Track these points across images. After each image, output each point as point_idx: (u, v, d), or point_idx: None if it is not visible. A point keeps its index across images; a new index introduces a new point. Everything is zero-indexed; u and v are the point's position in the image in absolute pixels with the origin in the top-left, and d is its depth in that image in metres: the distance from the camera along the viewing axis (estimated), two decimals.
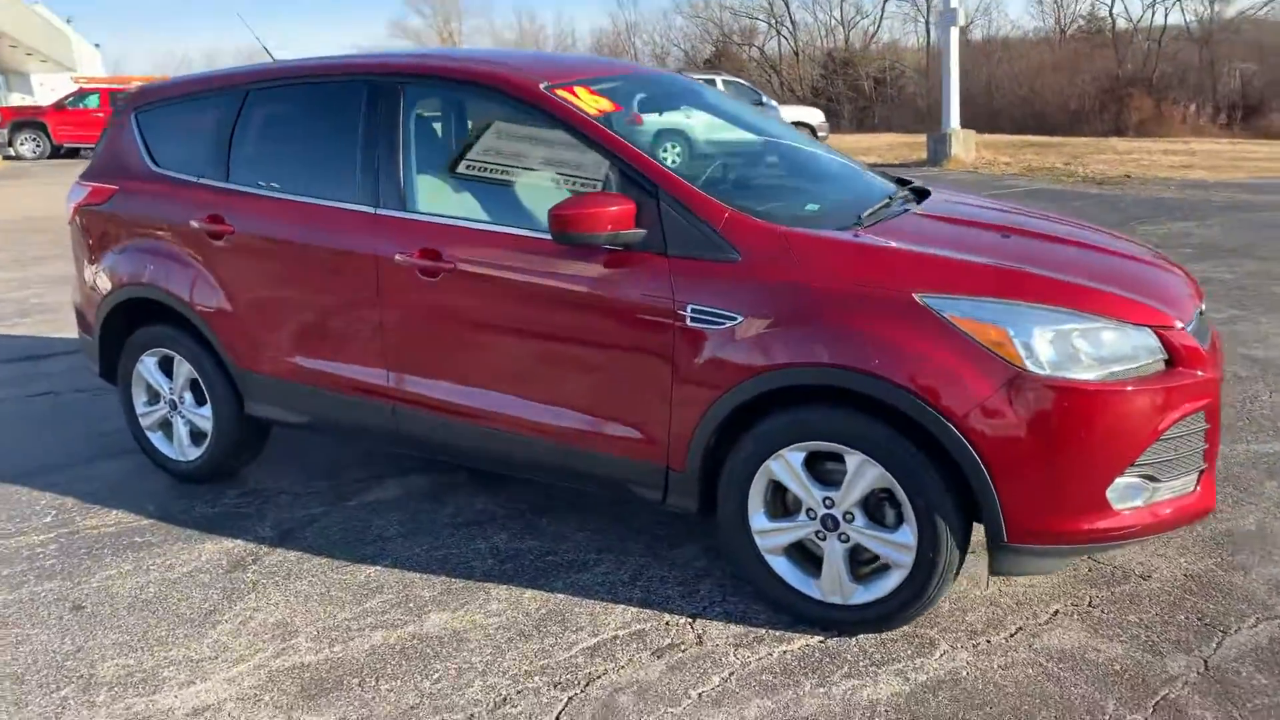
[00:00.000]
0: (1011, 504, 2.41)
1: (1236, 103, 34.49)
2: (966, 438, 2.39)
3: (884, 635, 2.70)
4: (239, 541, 3.42)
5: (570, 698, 2.49)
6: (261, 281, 3.48)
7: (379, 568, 3.20)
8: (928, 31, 42.74)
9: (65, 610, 3.00)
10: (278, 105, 3.55)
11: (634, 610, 2.89)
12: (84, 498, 3.85)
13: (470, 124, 3.40)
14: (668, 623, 2.82)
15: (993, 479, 2.40)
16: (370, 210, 3.21)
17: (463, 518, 3.55)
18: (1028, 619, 2.77)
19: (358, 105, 3.29)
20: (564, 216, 2.68)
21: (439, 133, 3.27)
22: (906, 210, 3.07)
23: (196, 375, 3.74)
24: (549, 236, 2.89)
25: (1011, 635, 2.70)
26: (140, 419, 3.97)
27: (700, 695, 2.48)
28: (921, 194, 3.40)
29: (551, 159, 3.12)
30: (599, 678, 2.57)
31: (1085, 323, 2.43)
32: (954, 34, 15.16)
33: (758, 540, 2.76)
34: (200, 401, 3.81)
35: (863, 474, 2.55)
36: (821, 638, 2.71)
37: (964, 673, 2.53)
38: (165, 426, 3.96)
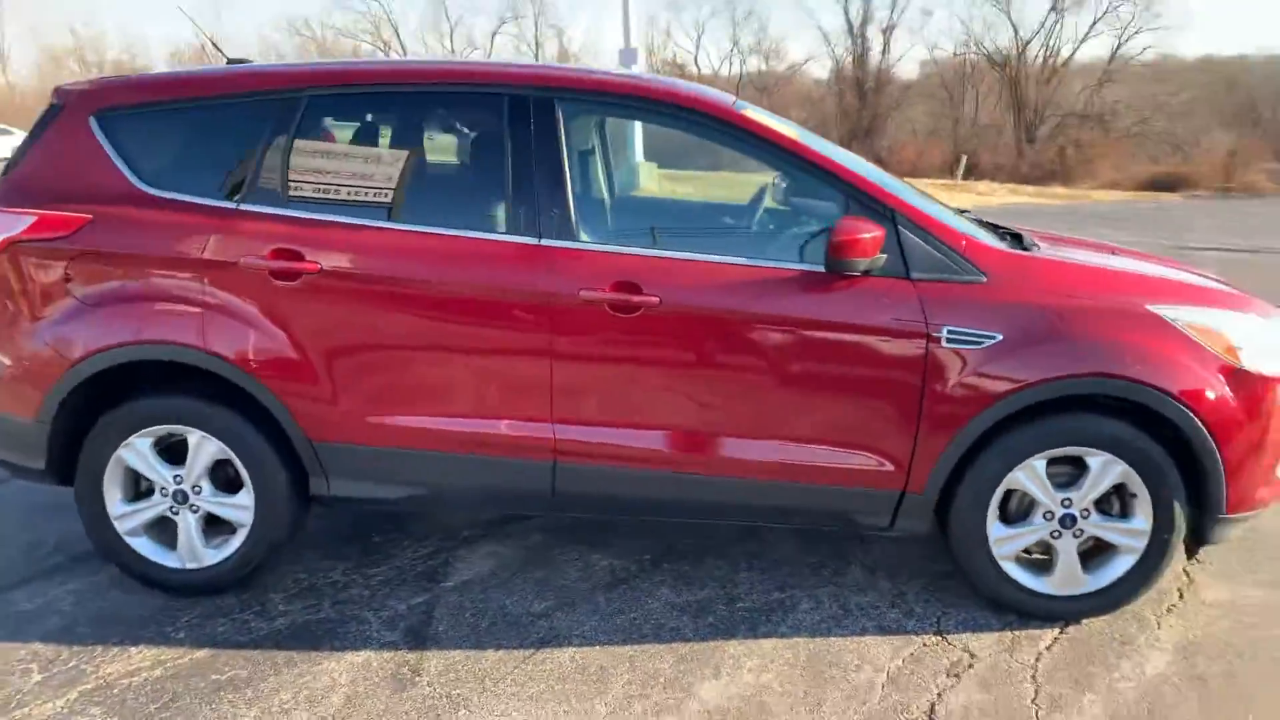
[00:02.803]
0: (1234, 482, 2.81)
1: None
2: (1208, 429, 2.74)
3: (1110, 618, 2.96)
4: (366, 653, 2.75)
5: None
6: (362, 330, 2.83)
7: (574, 649, 2.78)
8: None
9: None
10: (363, 117, 2.91)
11: (882, 639, 2.85)
12: (62, 639, 2.81)
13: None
14: (925, 644, 2.83)
15: (1224, 462, 2.78)
16: (533, 241, 2.79)
17: (600, 579, 3.19)
18: (1181, 585, 3.22)
19: (497, 121, 2.84)
20: (844, 244, 2.61)
21: (604, 155, 2.92)
22: (1027, 236, 3.37)
23: (231, 455, 2.92)
24: (768, 265, 2.79)
25: (1204, 604, 3.11)
26: (116, 523, 2.98)
27: (1037, 704, 2.55)
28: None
29: (749, 184, 2.97)
30: (932, 709, 2.52)
31: (1256, 324, 2.91)
32: (635, 72, 16.25)
33: (994, 549, 2.89)
34: (229, 488, 2.97)
35: (1108, 472, 2.80)
36: (1058, 629, 2.91)
37: (1205, 636, 2.89)
38: (158, 528, 3.02)
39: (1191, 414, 2.73)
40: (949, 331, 2.73)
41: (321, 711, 2.49)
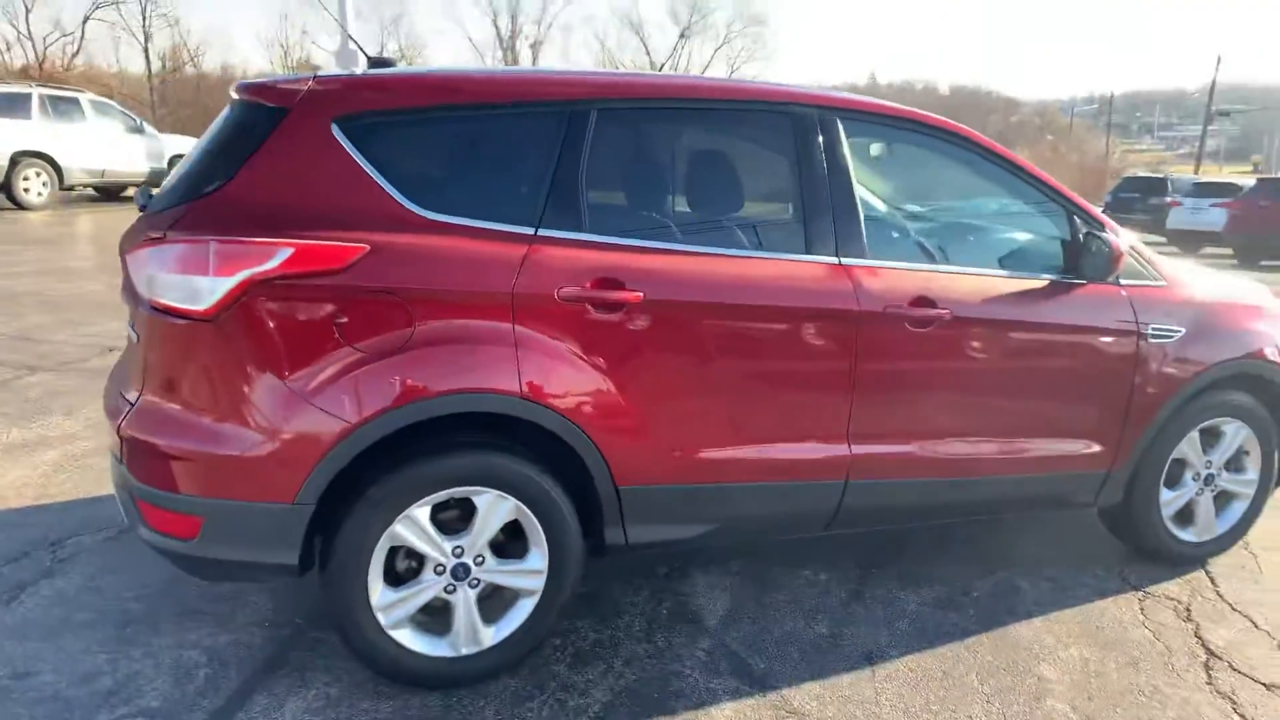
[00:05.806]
0: None
1: None
2: None
3: (1226, 556, 3.64)
4: (730, 705, 2.57)
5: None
6: (681, 362, 2.64)
7: (900, 660, 2.83)
8: (146, 59, 39.27)
9: None
10: (651, 134, 2.68)
11: (1107, 601, 3.26)
12: None
13: (927, 168, 3.14)
14: (1140, 599, 3.28)
15: None
16: (834, 261, 2.80)
17: (838, 594, 3.23)
18: None
19: (785, 140, 2.80)
20: (1120, 257, 2.98)
21: (882, 175, 2.94)
22: None
23: (528, 514, 2.56)
24: (1025, 276, 3.08)
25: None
26: (380, 616, 2.47)
27: (1265, 629, 3.10)
28: None
29: (1004, 206, 3.21)
30: (1204, 643, 2.97)
31: None
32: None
33: (1163, 510, 3.43)
34: (515, 553, 2.60)
35: (1238, 436, 3.47)
36: (1201, 569, 3.53)
37: None
38: (424, 615, 2.55)
39: None
40: (1152, 328, 3.21)
41: None
